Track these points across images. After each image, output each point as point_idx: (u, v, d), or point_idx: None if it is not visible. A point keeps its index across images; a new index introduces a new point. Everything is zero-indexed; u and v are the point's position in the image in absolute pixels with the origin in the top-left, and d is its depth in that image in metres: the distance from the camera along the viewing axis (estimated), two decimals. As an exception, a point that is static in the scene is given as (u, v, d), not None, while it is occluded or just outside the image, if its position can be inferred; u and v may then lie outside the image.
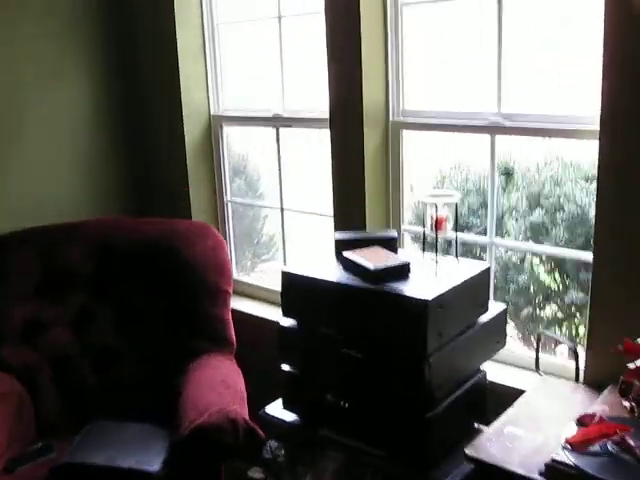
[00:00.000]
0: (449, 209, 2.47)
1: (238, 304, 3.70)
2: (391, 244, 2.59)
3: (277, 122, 3.51)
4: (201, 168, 3.84)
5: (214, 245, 3.30)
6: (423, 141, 3.48)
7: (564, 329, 3.67)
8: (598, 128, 2.24)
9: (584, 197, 3.43)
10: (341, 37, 2.92)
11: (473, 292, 2.42)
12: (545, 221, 3.52)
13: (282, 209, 3.62)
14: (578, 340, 3.46)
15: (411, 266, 2.39)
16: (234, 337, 3.23)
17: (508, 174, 3.77)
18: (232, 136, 3.95)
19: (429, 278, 2.39)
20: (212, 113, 3.81)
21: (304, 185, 4.24)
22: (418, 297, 2.16)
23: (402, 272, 2.36)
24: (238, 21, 3.76)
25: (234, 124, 3.85)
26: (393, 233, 2.67)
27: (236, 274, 3.97)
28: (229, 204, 3.92)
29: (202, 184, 3.86)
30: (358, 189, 2.99)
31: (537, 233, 3.54)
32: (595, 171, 2.27)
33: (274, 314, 3.32)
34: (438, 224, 2.45)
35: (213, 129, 3.81)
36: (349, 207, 3.08)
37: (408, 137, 3.01)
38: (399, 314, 2.22)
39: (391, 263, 2.37)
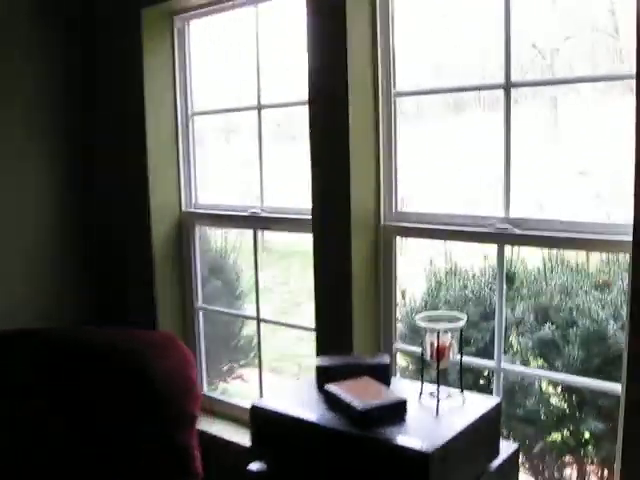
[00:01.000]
0: (452, 334, 2.06)
1: (207, 425, 3.26)
2: (383, 373, 2.18)
3: (255, 223, 3.13)
4: (170, 270, 3.44)
5: (180, 362, 2.88)
6: (418, 245, 3.11)
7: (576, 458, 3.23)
8: (631, 239, 1.88)
9: (599, 310, 3.04)
10: (326, 128, 2.59)
11: (482, 435, 2.00)
12: (556, 337, 3.11)
13: (258, 320, 3.21)
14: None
15: (407, 404, 1.97)
16: (200, 467, 2.82)
17: (509, 280, 3.37)
18: (210, 230, 3.58)
19: (429, 420, 1.98)
20: (183, 209, 3.43)
21: (286, 290, 3.86)
22: (417, 448, 1.76)
23: (397, 412, 1.95)
24: (215, 110, 3.45)
25: (208, 223, 3.48)
26: (385, 359, 2.25)
27: (206, 388, 3.53)
28: (200, 311, 3.50)
29: (170, 288, 3.46)
30: (344, 301, 2.61)
31: (547, 350, 3.13)
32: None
33: (247, 438, 2.86)
34: (440, 353, 2.03)
35: (184, 227, 3.43)
36: (334, 322, 2.68)
37: (403, 243, 2.64)
38: (393, 468, 1.79)
39: (383, 401, 1.95)
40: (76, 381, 2.84)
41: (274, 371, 5.05)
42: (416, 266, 3.81)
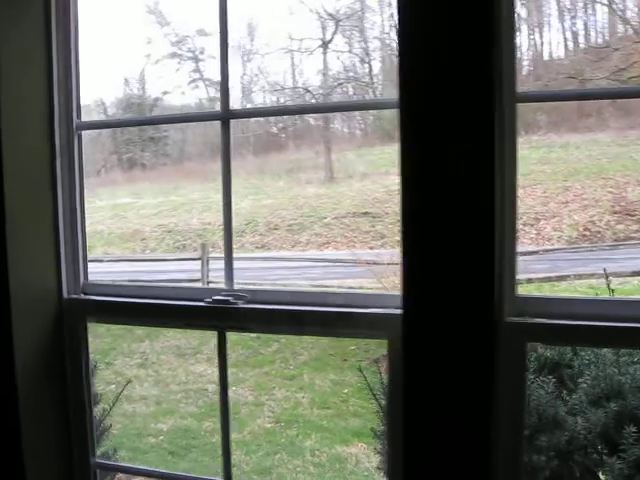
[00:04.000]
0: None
1: None
2: None
3: None
4: (45, 403, 1.94)
5: None
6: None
7: None
8: None
9: None
10: None
11: None
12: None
13: None
14: None
15: None
16: None
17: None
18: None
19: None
20: (65, 295, 2.00)
21: None
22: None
23: None
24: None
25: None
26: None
27: None
28: (98, 472, 2.01)
29: (47, 436, 1.94)
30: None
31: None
32: None
33: None
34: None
35: (67, 327, 1.99)
36: None
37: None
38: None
39: None
40: None
41: None
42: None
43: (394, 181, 14.59)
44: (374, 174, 14.29)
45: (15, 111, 1.89)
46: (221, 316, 1.77)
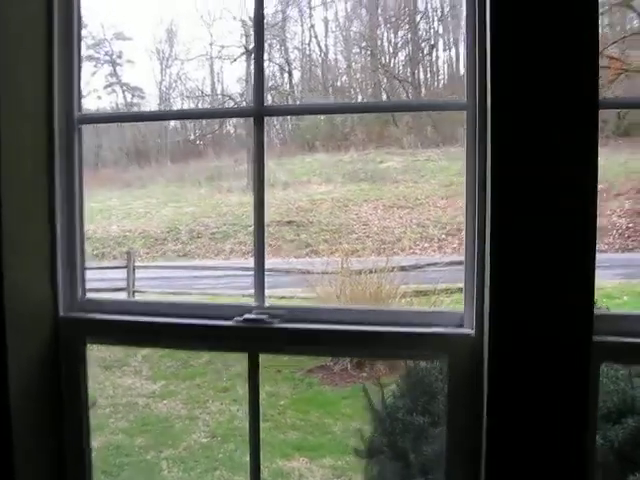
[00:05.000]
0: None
1: None
2: None
3: None
4: (42, 437, 1.77)
5: None
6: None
7: None
8: None
9: None
10: None
11: None
12: None
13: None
14: None
15: None
16: None
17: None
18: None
19: None
20: (62, 313, 1.84)
21: None
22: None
23: None
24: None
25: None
26: None
27: None
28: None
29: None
30: None
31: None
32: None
33: None
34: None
35: (63, 349, 1.83)
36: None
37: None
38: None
39: None
40: None
41: None
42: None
43: (316, 190, 14.62)
44: (296, 183, 14.27)
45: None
46: (254, 338, 1.64)
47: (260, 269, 1.68)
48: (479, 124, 1.49)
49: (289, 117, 17.82)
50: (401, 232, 11.97)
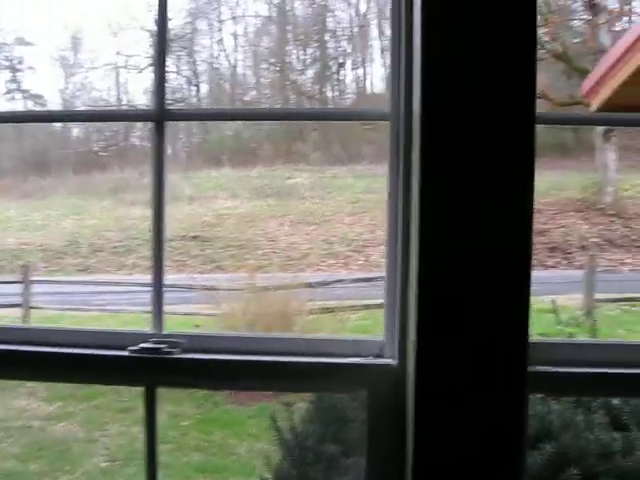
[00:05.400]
0: None
1: None
2: None
3: None
4: None
5: None
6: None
7: None
8: None
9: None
10: None
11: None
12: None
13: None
14: None
15: None
16: None
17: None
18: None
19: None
20: None
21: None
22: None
23: None
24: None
25: None
26: None
27: None
28: None
29: None
30: None
31: None
32: None
33: None
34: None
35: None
36: None
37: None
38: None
39: None
40: None
41: None
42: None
43: (223, 205, 14.47)
44: (201, 198, 14.09)
45: None
46: (151, 370, 1.49)
47: (158, 293, 1.53)
48: (404, 134, 1.41)
49: (195, 131, 17.65)
50: (308, 248, 12.00)
